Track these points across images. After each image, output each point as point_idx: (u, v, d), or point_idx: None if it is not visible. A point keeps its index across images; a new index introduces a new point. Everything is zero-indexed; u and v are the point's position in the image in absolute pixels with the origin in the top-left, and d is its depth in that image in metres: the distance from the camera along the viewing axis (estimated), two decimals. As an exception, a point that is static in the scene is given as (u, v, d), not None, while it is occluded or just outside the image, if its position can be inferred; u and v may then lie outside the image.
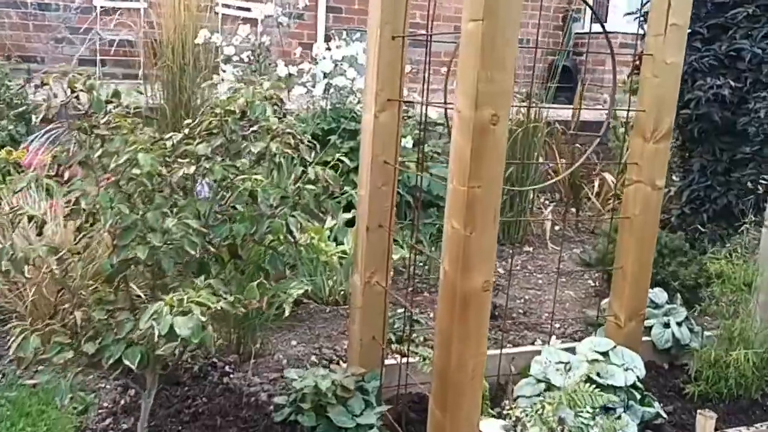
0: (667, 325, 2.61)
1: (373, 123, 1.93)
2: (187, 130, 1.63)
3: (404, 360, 2.00)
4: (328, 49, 3.68)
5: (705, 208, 3.56)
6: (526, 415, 1.77)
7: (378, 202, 1.98)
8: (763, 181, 2.68)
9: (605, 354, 2.22)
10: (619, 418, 1.94)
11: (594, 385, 1.96)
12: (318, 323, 2.62)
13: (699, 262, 3.07)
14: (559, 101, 7.01)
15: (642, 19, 3.56)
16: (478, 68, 1.38)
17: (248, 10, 4.14)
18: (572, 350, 2.33)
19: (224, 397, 2.03)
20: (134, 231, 1.39)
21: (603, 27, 2.29)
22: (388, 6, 1.86)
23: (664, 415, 2.13)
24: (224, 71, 3.52)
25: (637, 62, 3.70)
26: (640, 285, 2.41)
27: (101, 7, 5.73)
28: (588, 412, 1.82)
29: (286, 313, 2.48)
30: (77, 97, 1.46)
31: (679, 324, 2.61)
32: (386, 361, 2.08)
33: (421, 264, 3.23)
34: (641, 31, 3.64)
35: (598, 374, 2.10)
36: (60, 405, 1.86)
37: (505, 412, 1.83)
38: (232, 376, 2.16)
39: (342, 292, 2.77)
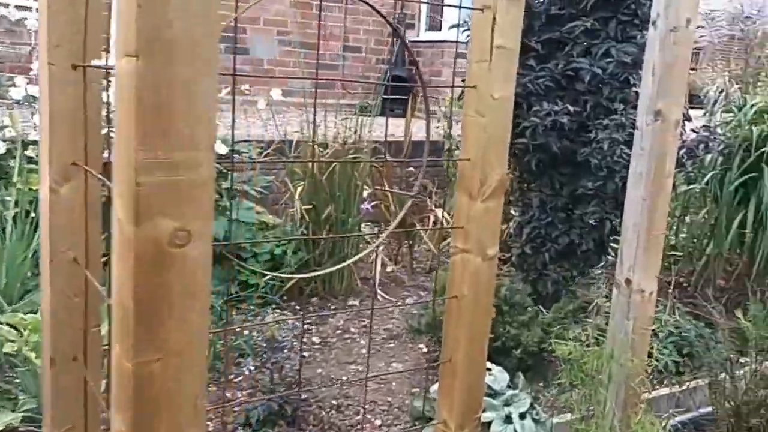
0: (508, 419, 2.12)
1: (49, 200, 1.22)
2: None
3: None
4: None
5: (547, 247, 3.17)
6: None
7: (68, 322, 1.27)
8: (614, 244, 2.29)
9: (430, 490, 1.68)
10: None
11: None
12: (37, 463, 1.85)
13: (542, 323, 2.64)
14: (395, 114, 6.58)
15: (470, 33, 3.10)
16: (135, 142, 0.73)
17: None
18: (391, 475, 1.78)
19: None
20: None
21: (405, 44, 1.74)
22: (59, 19, 1.16)
23: None
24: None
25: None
26: (474, 383, 1.88)
27: None
28: None
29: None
30: None
31: (522, 416, 2.13)
32: None
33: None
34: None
35: None
36: None
37: None
38: None
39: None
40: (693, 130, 2.72)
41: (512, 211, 3.46)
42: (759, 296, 3.21)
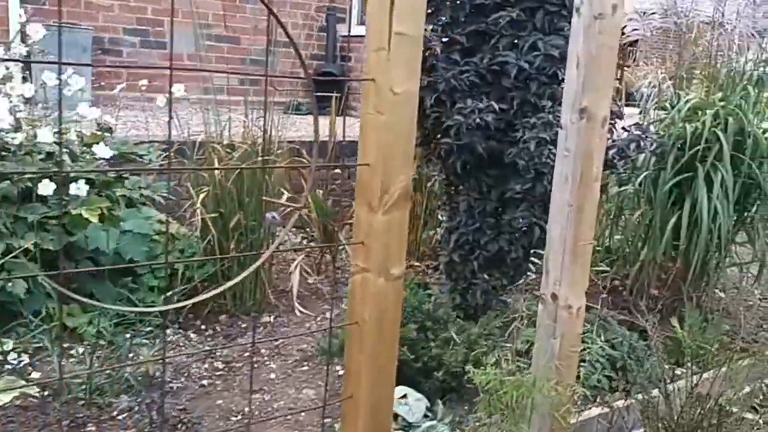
0: (425, 455, 1.91)
1: None
2: None
3: None
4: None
5: (475, 255, 2.98)
6: None
7: None
8: (535, 260, 2.10)
9: None
10: None
11: None
12: None
13: (467, 339, 2.43)
14: (326, 112, 6.33)
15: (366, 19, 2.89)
16: None
17: None
18: None
19: None
20: None
21: (291, 40, 1.49)
22: None
23: None
24: None
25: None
26: (380, 420, 1.66)
27: None
28: None
29: None
30: None
31: (440, 451, 1.92)
32: None
33: (83, 383, 2.20)
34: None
35: None
36: None
37: None
38: None
39: None
40: (624, 129, 2.57)
41: (440, 216, 3.27)
42: (695, 302, 3.10)
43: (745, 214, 3.24)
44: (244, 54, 6.33)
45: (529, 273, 2.82)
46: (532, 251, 2.64)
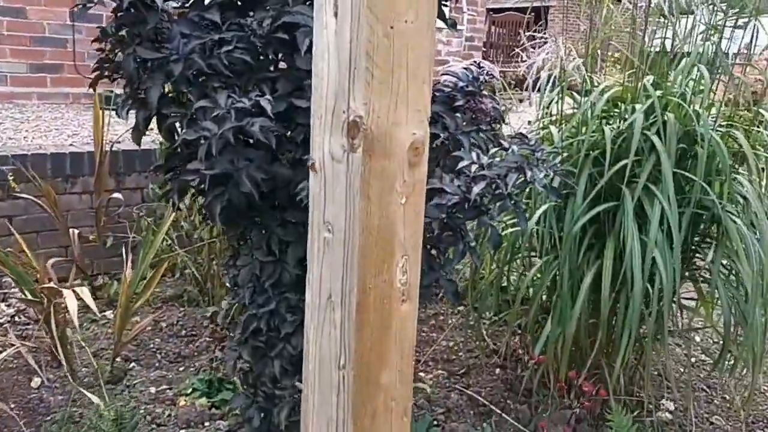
0: None
1: None
2: None
3: None
4: None
5: (276, 351, 1.84)
6: None
7: None
8: None
9: None
10: None
11: None
12: None
13: None
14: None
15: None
16: None
17: None
18: None
19: None
20: None
21: None
22: None
23: None
24: None
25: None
26: None
27: None
28: None
29: None
30: None
31: None
32: None
33: None
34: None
35: None
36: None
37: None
38: None
39: None
40: (500, 144, 1.46)
41: (227, 283, 2.10)
42: (623, 405, 2.06)
43: (694, 259, 2.23)
44: (35, 31, 4.91)
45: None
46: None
